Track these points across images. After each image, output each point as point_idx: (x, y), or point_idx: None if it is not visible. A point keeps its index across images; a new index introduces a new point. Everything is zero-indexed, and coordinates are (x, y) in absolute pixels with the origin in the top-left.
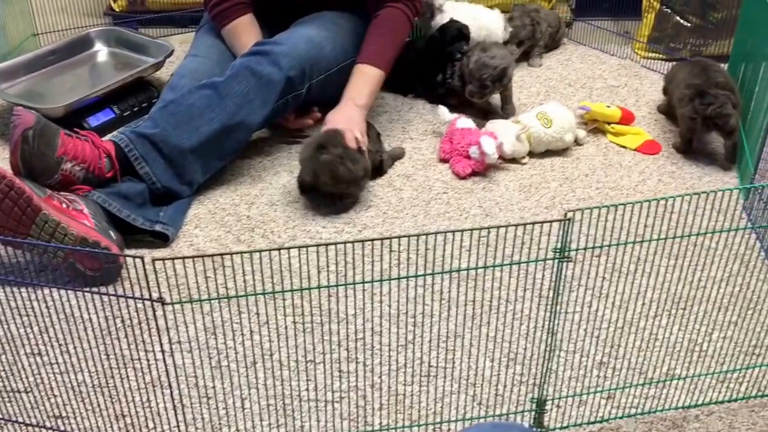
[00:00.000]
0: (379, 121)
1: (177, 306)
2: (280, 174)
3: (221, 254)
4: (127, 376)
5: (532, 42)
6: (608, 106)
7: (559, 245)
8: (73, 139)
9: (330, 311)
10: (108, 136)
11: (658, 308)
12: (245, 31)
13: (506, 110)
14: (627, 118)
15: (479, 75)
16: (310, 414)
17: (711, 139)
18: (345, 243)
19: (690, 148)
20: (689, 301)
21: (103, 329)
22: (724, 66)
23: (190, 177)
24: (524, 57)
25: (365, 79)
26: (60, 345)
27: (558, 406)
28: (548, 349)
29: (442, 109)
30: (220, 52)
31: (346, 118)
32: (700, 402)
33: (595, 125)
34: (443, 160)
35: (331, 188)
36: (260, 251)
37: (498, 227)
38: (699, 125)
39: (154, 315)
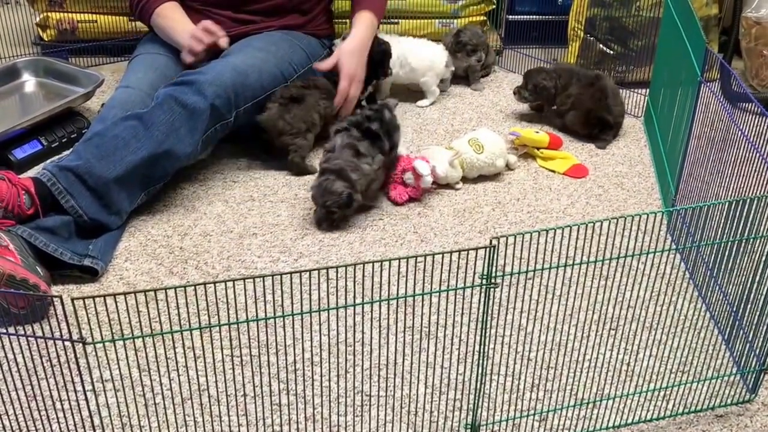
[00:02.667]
0: (318, 150)
1: (104, 344)
2: (214, 203)
3: (145, 291)
4: (56, 418)
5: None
6: (537, 132)
7: (485, 272)
8: None
9: (267, 342)
10: (32, 172)
11: (589, 329)
12: (173, 11)
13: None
14: (555, 143)
15: (323, 202)
16: None
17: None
18: (281, 275)
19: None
20: (618, 321)
21: (29, 370)
22: (646, 91)
23: (117, 207)
24: (465, 81)
25: (370, 28)
26: None
27: (492, 431)
28: (480, 373)
29: None
30: (151, 83)
31: (357, 65)
32: (629, 421)
33: (525, 150)
34: None
35: (283, 139)
36: (194, 285)
37: (425, 255)
38: (584, 135)
39: (75, 355)
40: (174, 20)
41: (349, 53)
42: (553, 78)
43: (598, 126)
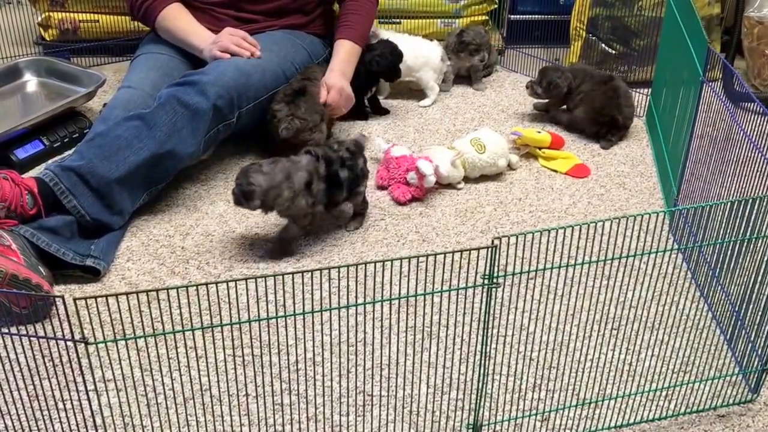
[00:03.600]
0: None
1: (106, 344)
2: (216, 203)
3: (147, 291)
4: (58, 418)
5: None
6: (539, 132)
7: (487, 272)
8: None
9: (269, 342)
10: (35, 171)
11: (590, 329)
12: (180, 13)
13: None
14: (557, 143)
15: (236, 180)
16: None
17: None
18: (283, 275)
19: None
20: (620, 321)
21: (31, 369)
22: (648, 90)
23: (120, 207)
24: (467, 81)
25: (351, 55)
26: None
27: (494, 431)
28: (482, 373)
29: (377, 140)
30: (154, 83)
31: (341, 91)
32: (631, 421)
33: (526, 150)
34: (381, 187)
35: (302, 137)
36: (196, 285)
37: (427, 255)
38: (591, 134)
39: (77, 355)
40: (185, 21)
41: (335, 80)
42: (568, 78)
43: (607, 125)
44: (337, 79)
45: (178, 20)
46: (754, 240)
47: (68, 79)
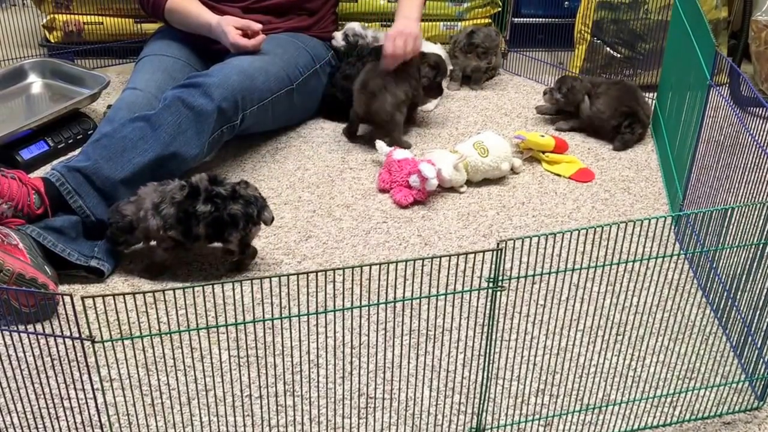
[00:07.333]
0: (319, 152)
1: (111, 343)
2: None
3: (153, 291)
4: (64, 416)
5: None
6: (542, 135)
7: (492, 275)
8: None
9: (273, 343)
10: (40, 171)
11: (594, 334)
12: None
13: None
14: (561, 147)
15: (110, 220)
16: None
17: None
18: (288, 276)
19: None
20: (624, 326)
21: (38, 367)
22: (653, 95)
23: None
24: (468, 81)
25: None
26: None
27: None
28: (485, 377)
29: (379, 143)
30: (158, 84)
31: (402, 28)
32: (635, 427)
33: (530, 154)
34: (383, 190)
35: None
36: (201, 286)
37: (433, 258)
38: (610, 130)
39: (84, 354)
40: (192, 2)
41: (399, 28)
42: (586, 86)
43: (627, 117)
44: (400, 26)
45: (186, 1)
46: (762, 246)
47: (73, 81)
